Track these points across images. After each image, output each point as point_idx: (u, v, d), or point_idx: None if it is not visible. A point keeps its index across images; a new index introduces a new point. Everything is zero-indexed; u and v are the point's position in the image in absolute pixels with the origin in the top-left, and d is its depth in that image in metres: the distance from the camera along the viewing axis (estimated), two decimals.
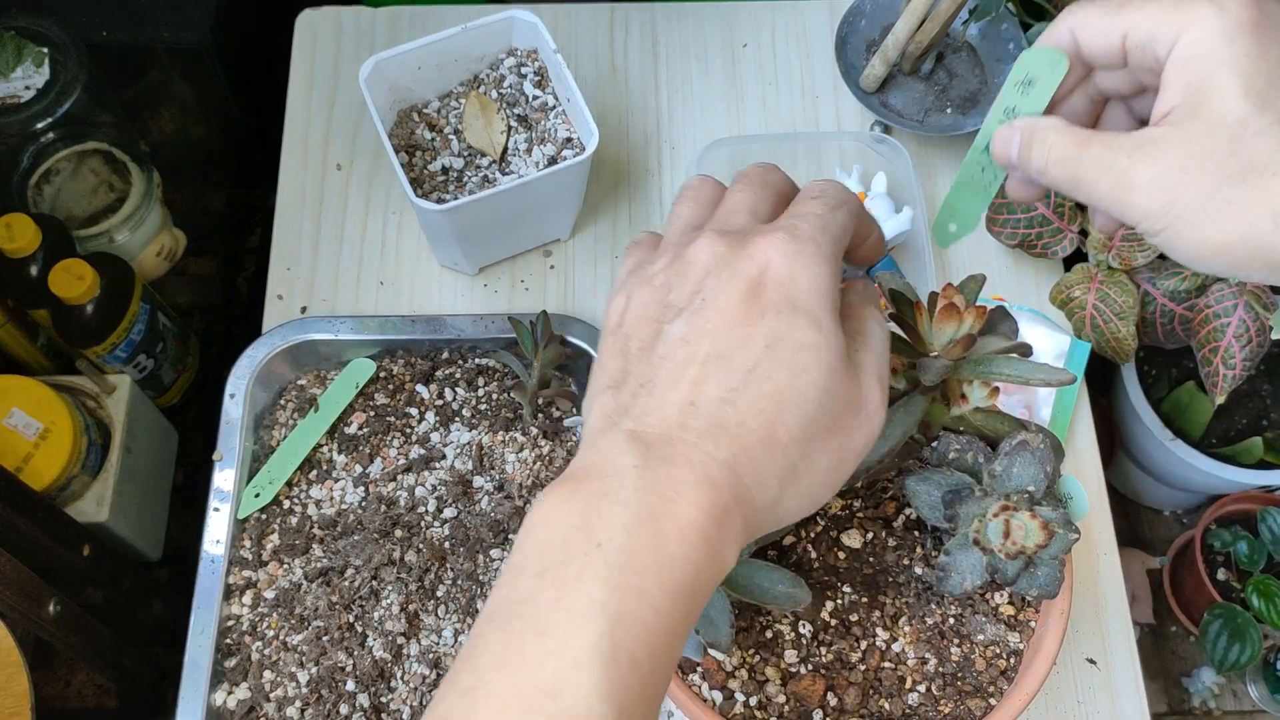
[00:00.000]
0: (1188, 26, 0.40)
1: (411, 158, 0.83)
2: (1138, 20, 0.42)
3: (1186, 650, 1.39)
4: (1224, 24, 0.40)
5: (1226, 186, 0.39)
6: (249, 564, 0.76)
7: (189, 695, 0.71)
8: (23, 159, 1.09)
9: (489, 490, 0.78)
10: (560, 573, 0.34)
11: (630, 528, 0.34)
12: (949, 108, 0.94)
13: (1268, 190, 0.39)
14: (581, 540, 0.34)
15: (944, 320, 0.48)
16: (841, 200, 0.41)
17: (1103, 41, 0.43)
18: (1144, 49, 0.42)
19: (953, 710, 0.56)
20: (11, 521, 0.82)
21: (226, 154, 1.36)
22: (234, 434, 0.79)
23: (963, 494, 0.49)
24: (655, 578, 0.34)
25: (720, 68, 0.99)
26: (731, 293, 0.38)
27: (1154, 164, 0.40)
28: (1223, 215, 0.40)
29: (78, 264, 1.02)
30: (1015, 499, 0.48)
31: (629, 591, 0.33)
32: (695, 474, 0.36)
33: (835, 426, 0.39)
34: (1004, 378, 0.49)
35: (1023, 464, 0.49)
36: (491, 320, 0.84)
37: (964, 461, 0.51)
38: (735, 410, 0.37)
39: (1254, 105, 0.39)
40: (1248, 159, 0.39)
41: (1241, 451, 1.17)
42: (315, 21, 1.01)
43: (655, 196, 0.93)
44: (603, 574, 0.34)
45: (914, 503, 0.51)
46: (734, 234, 0.40)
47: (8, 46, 1.05)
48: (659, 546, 0.34)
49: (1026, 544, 0.48)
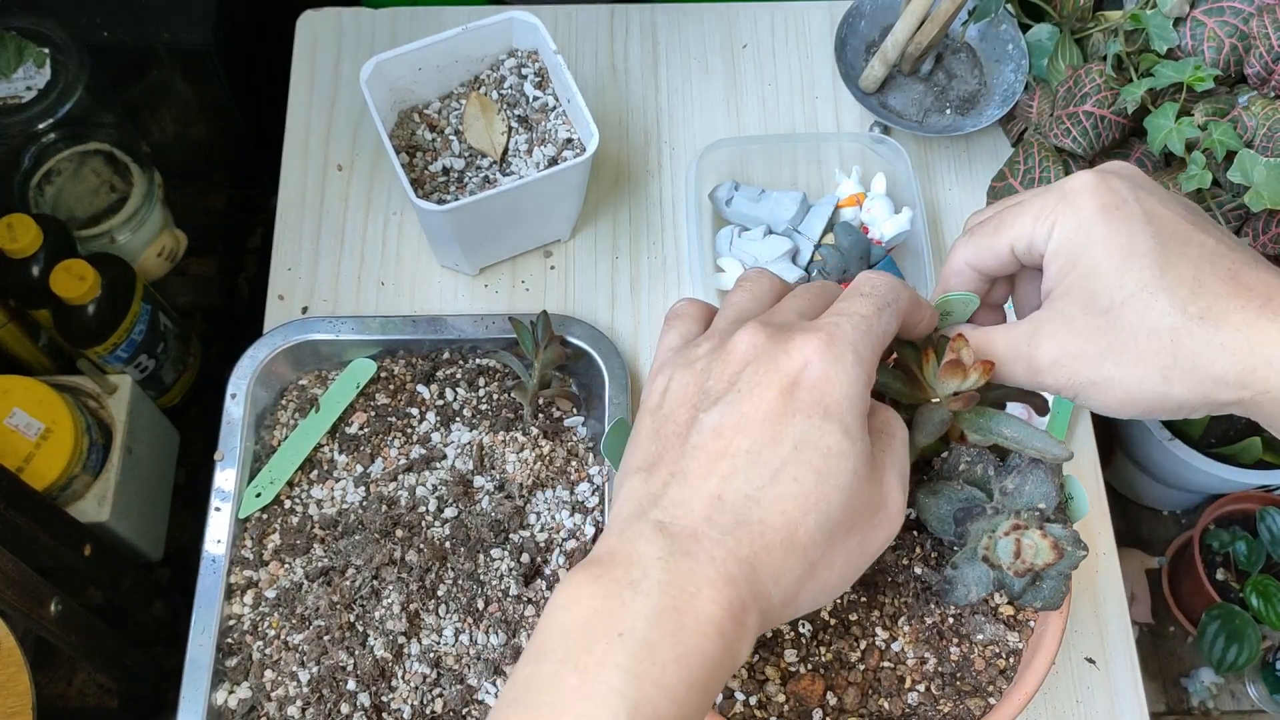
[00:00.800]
0: (1053, 227, 0.46)
1: (412, 158, 0.83)
2: (1016, 234, 0.48)
3: (1185, 650, 1.39)
4: (1077, 220, 0.46)
5: (1113, 354, 0.45)
6: (250, 563, 0.76)
7: (190, 695, 0.71)
8: (24, 159, 1.10)
9: (489, 490, 0.78)
10: (583, 659, 0.35)
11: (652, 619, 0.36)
12: (948, 109, 0.94)
13: (1146, 350, 0.44)
14: (605, 627, 0.36)
15: (948, 375, 0.48)
16: (890, 299, 0.44)
17: (994, 261, 0.49)
18: (1029, 253, 0.48)
19: (952, 710, 0.56)
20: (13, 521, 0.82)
21: (227, 154, 1.36)
22: (235, 434, 0.79)
23: (974, 511, 0.49)
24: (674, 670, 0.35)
25: (720, 68, 0.99)
26: (767, 388, 0.40)
27: (1051, 345, 0.46)
28: (1119, 379, 0.45)
29: (79, 264, 1.02)
30: (1026, 516, 0.48)
31: (648, 682, 0.35)
32: (716, 571, 0.37)
33: (855, 527, 0.40)
34: (1003, 440, 0.50)
35: (1035, 481, 0.49)
36: (492, 320, 0.84)
37: (973, 474, 0.51)
38: (759, 508, 0.38)
39: (1115, 279, 0.44)
40: (1124, 326, 0.44)
41: (1240, 451, 1.17)
42: (316, 22, 1.01)
43: (655, 197, 0.93)
44: (624, 663, 0.35)
45: (924, 516, 0.51)
46: (777, 327, 0.42)
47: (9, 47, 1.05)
48: (679, 640, 0.36)
49: (1036, 562, 0.48)
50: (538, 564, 0.76)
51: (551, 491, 0.79)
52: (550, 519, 0.78)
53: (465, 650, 0.73)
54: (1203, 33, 0.84)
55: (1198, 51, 0.84)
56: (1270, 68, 0.81)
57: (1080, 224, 0.45)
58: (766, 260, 0.86)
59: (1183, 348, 0.43)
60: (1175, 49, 0.84)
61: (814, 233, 0.87)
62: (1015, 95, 0.92)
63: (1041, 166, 0.85)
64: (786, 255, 0.86)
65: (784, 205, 0.87)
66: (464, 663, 0.72)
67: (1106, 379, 0.45)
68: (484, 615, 0.74)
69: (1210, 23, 0.83)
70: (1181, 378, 0.43)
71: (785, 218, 0.87)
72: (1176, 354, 0.43)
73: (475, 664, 0.72)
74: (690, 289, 0.89)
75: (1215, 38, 0.83)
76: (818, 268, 0.86)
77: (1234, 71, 0.83)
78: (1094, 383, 0.45)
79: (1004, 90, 0.93)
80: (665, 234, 0.92)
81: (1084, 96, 0.85)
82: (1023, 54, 0.92)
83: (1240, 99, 0.82)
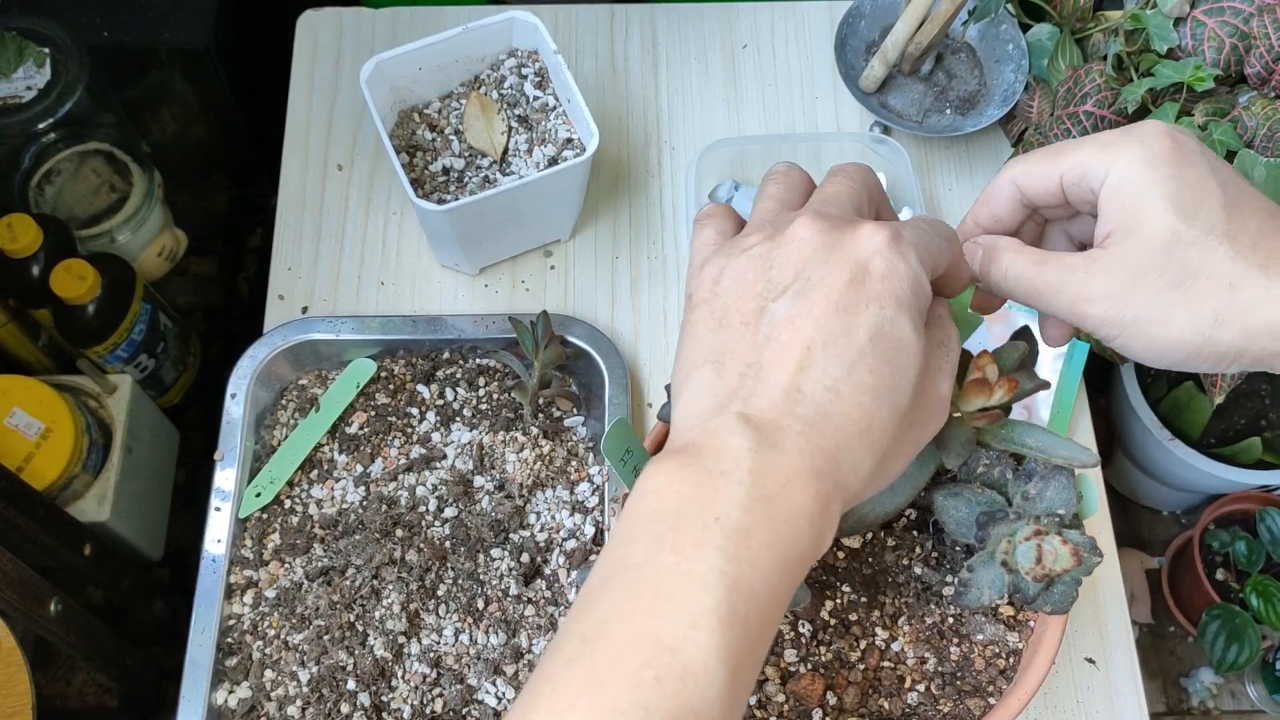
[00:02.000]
0: (1115, 160, 0.46)
1: (412, 158, 0.83)
2: (1071, 163, 0.47)
3: (1185, 650, 1.39)
4: (1146, 154, 0.45)
5: (1168, 293, 0.44)
6: (250, 563, 0.76)
7: (190, 694, 0.71)
8: (24, 159, 1.10)
9: (489, 490, 0.78)
10: (679, 538, 0.36)
11: (746, 506, 0.37)
12: (948, 109, 0.94)
13: (1203, 292, 0.44)
14: (699, 511, 0.37)
15: (973, 393, 0.48)
16: (950, 235, 0.44)
17: (1041, 185, 0.49)
18: (1079, 185, 0.47)
19: (952, 709, 0.56)
20: (13, 521, 0.82)
21: (227, 154, 1.36)
22: (235, 434, 0.79)
23: (996, 515, 0.49)
24: (769, 554, 0.37)
25: (720, 68, 0.99)
26: (837, 277, 0.39)
27: (1105, 278, 0.45)
28: (1169, 319, 0.45)
29: (79, 264, 1.02)
30: (1046, 522, 0.48)
31: (745, 563, 0.36)
32: (804, 462, 0.38)
33: (917, 420, 0.42)
34: (1027, 450, 0.50)
35: (1056, 488, 0.49)
36: (492, 320, 0.84)
37: (991, 477, 0.51)
38: (839, 401, 0.39)
39: (1182, 219, 0.44)
40: (1183, 267, 0.44)
41: (1240, 451, 1.17)
42: (316, 22, 1.01)
43: (655, 197, 0.93)
44: (721, 544, 0.36)
45: (942, 518, 0.51)
46: (836, 218, 0.42)
47: (9, 47, 1.05)
48: (773, 528, 0.37)
49: (1055, 568, 0.48)
50: (538, 564, 0.76)
51: (551, 491, 0.79)
52: (550, 519, 0.78)
53: (465, 650, 0.73)
54: (1203, 33, 0.84)
55: (1198, 51, 0.84)
56: (1270, 68, 0.81)
57: (1149, 159, 0.45)
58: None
59: (1240, 293, 0.43)
60: (1175, 49, 0.84)
61: None
62: (1015, 95, 0.92)
63: None
64: None
65: None
66: (464, 662, 0.72)
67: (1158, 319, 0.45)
68: (484, 615, 0.74)
69: (1210, 23, 0.83)
70: (1234, 322, 0.44)
71: None
72: (1233, 299, 0.44)
73: (475, 664, 0.72)
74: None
75: (1215, 38, 0.83)
76: None
77: (1234, 71, 0.83)
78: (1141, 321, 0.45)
79: (1004, 90, 0.93)
80: (665, 234, 0.92)
81: (1084, 96, 0.85)
82: (1023, 54, 0.92)
83: (1240, 99, 0.82)
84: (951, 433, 0.49)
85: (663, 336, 0.88)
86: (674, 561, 0.36)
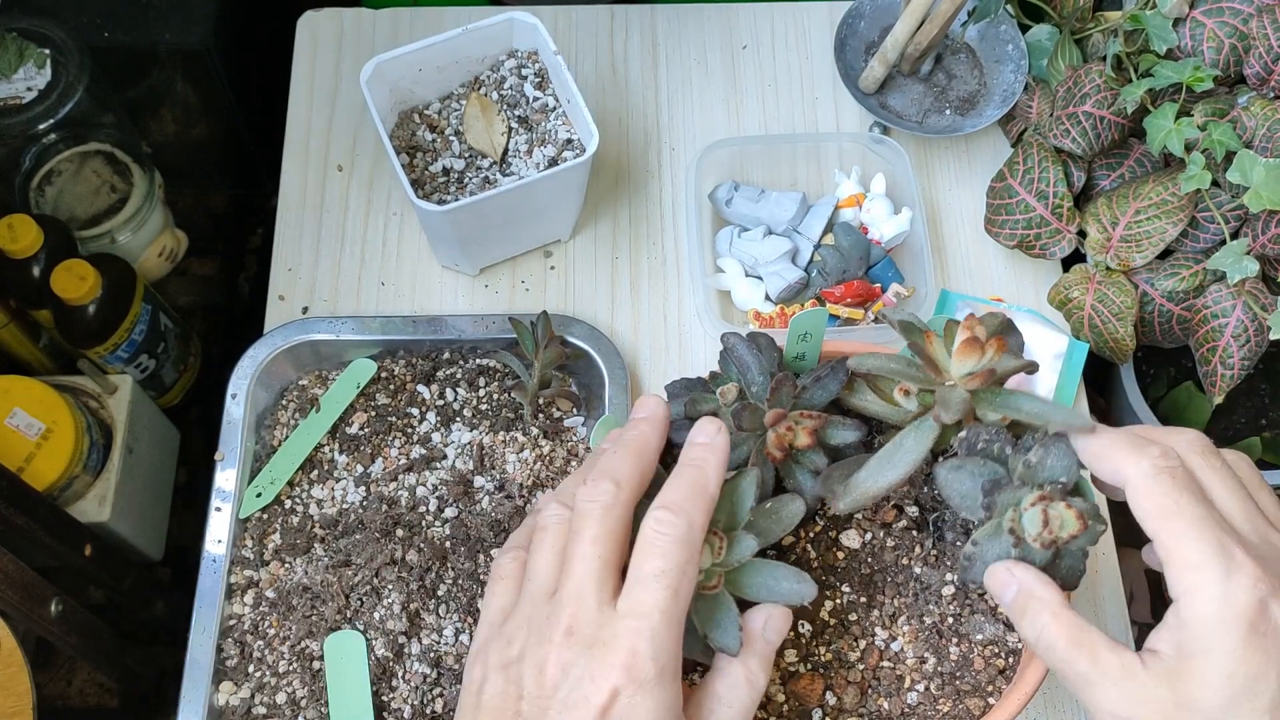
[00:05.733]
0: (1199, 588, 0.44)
1: (412, 159, 0.83)
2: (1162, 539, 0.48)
3: None
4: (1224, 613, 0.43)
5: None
6: (250, 563, 0.76)
7: (190, 694, 0.71)
8: (24, 160, 1.10)
9: (490, 490, 0.78)
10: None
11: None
12: (948, 109, 0.94)
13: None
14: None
15: (965, 353, 0.48)
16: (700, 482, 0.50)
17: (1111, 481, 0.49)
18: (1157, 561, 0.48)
19: (951, 709, 0.56)
20: (13, 521, 0.82)
21: (228, 155, 1.36)
22: (236, 434, 0.79)
23: (1001, 483, 0.49)
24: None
25: (720, 69, 0.99)
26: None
27: (1132, 706, 0.44)
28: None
29: (79, 264, 1.02)
30: (1049, 489, 0.48)
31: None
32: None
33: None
34: (1022, 414, 0.50)
35: (1056, 455, 0.49)
36: (492, 320, 0.84)
37: (992, 451, 0.51)
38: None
39: (1223, 695, 0.43)
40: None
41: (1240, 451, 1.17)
42: (316, 23, 1.01)
43: (655, 197, 0.93)
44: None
45: (945, 492, 0.51)
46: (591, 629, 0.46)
47: (9, 48, 1.05)
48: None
49: (1061, 534, 0.48)
50: None
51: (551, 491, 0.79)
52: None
53: (465, 650, 0.73)
54: (1202, 33, 0.84)
55: (1197, 52, 0.84)
56: (1270, 68, 0.81)
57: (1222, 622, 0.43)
58: (766, 260, 0.86)
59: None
60: (1175, 49, 0.84)
61: (814, 233, 0.87)
62: (1015, 95, 0.92)
63: (1041, 167, 0.85)
64: (786, 256, 0.86)
65: (784, 206, 0.87)
66: (464, 662, 0.72)
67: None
68: None
69: (1210, 23, 0.83)
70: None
71: (785, 218, 0.87)
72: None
73: None
74: (690, 289, 0.89)
75: (1215, 38, 0.83)
76: (817, 268, 0.86)
77: (1233, 72, 0.84)
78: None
79: (1003, 90, 0.93)
80: (665, 234, 0.92)
81: (1084, 97, 0.85)
82: (1022, 54, 0.93)
83: (1240, 99, 0.82)
84: (945, 396, 0.49)
85: (663, 337, 0.88)
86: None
